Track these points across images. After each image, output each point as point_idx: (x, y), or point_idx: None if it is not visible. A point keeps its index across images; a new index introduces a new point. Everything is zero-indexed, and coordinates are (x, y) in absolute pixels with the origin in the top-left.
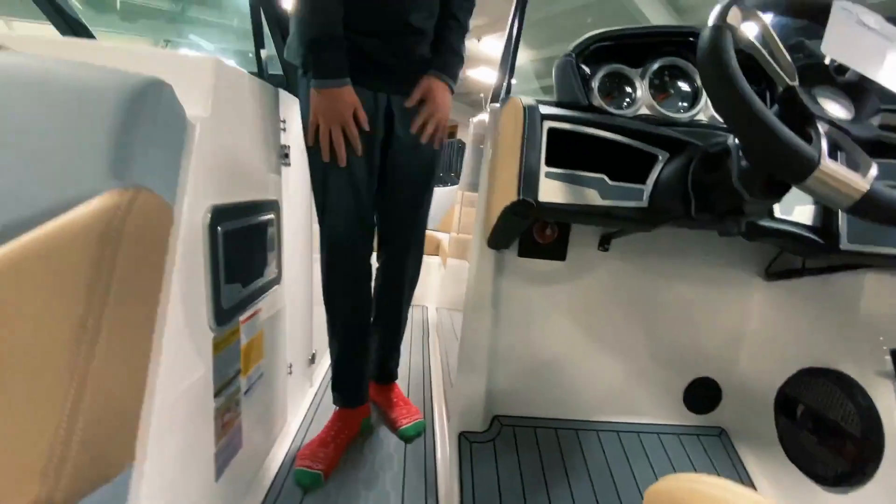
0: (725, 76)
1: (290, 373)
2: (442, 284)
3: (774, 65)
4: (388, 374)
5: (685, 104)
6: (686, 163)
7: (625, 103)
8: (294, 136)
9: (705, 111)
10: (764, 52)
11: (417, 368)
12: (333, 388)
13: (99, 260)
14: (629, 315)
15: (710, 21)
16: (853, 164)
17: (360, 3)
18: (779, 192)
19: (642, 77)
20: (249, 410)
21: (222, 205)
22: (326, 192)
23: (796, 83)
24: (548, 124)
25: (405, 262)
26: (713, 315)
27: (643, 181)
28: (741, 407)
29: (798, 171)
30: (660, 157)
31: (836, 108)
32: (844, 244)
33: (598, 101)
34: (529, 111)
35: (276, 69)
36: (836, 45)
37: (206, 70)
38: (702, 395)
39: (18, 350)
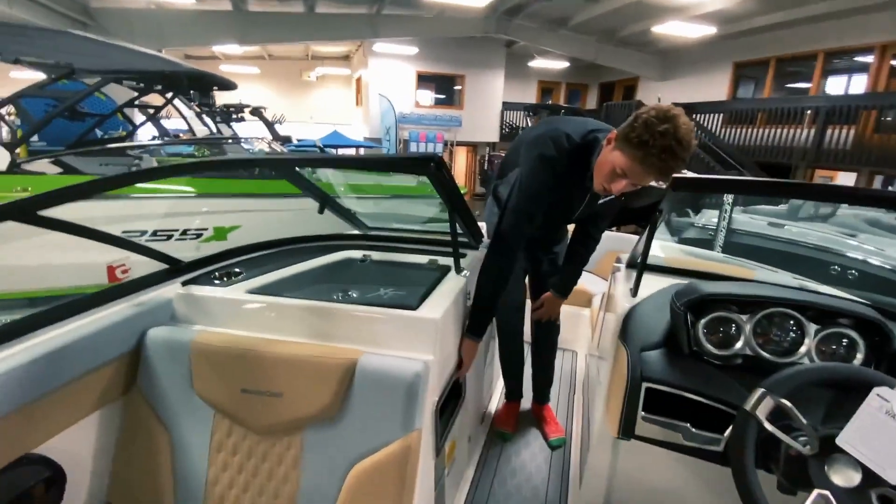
0: (741, 466)
1: (470, 440)
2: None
3: (791, 442)
4: (542, 396)
5: (785, 348)
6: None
7: (729, 342)
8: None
9: (809, 356)
10: (785, 438)
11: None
12: (506, 388)
13: (405, 467)
14: None
15: (746, 405)
16: None
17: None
18: None
19: (749, 322)
20: (448, 481)
21: (439, 397)
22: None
23: (812, 451)
24: (646, 385)
25: (552, 328)
26: None
27: (722, 430)
28: None
29: None
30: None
31: (842, 478)
32: None
33: (703, 343)
34: (632, 369)
35: None
36: (855, 437)
37: (432, 328)
38: None
39: (369, 500)
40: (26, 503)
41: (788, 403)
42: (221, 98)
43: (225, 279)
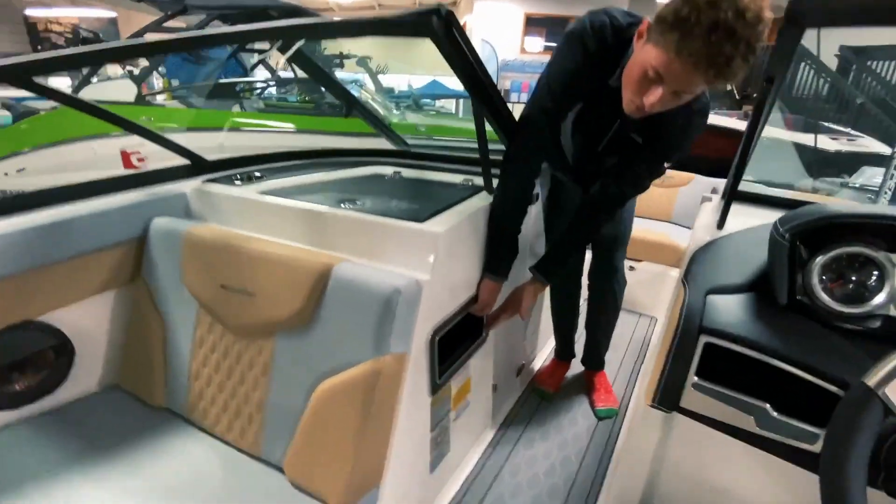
0: (839, 473)
1: (496, 390)
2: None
3: None
4: (595, 361)
5: None
6: (888, 431)
7: (862, 297)
8: None
9: None
10: None
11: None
12: (556, 346)
13: (368, 392)
14: None
15: (865, 378)
16: None
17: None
18: None
19: None
20: (457, 427)
21: (442, 323)
22: None
23: None
24: (705, 339)
25: (612, 280)
26: None
27: (823, 423)
28: None
29: None
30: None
31: None
32: None
33: (817, 292)
34: (687, 313)
35: None
36: None
37: (432, 243)
38: None
39: (331, 421)
40: (38, 363)
41: None
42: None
43: (245, 181)
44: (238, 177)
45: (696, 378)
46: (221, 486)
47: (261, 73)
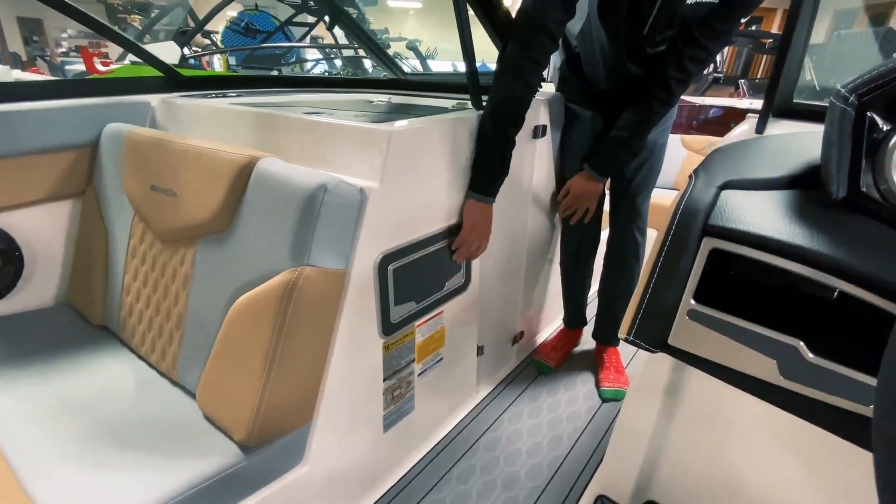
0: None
1: (482, 353)
2: None
3: None
4: (607, 334)
5: None
6: None
7: None
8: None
9: None
10: None
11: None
12: (565, 312)
13: (280, 309)
14: None
15: None
16: None
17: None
18: None
19: None
20: (425, 385)
21: (392, 249)
22: None
23: None
24: (711, 244)
25: (629, 245)
26: None
27: (875, 368)
28: None
29: None
30: None
31: None
32: None
33: (893, 186)
34: (688, 205)
35: None
36: None
37: (382, 142)
38: None
39: (240, 345)
40: None
41: None
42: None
43: (220, 98)
44: (213, 94)
45: (693, 302)
46: (131, 409)
47: (310, 54)
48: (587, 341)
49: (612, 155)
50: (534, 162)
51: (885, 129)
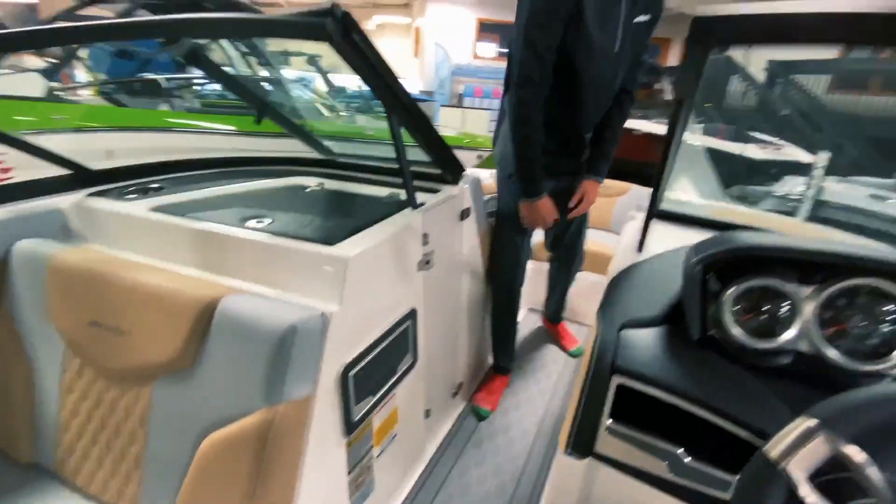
0: None
1: (428, 415)
2: None
3: None
4: (557, 317)
5: (871, 347)
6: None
7: (773, 331)
8: (435, 243)
9: None
10: None
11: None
12: (494, 361)
13: (258, 449)
14: None
15: (766, 449)
16: None
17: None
18: None
19: (814, 299)
20: (382, 464)
21: (353, 359)
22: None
23: None
24: (618, 380)
25: (572, 253)
26: None
27: (738, 469)
28: None
29: None
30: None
31: None
32: None
33: (728, 326)
34: (598, 353)
35: None
36: None
37: (340, 268)
38: None
39: (216, 484)
40: None
41: (858, 454)
42: (273, 44)
43: (140, 194)
44: (131, 189)
45: (610, 421)
46: None
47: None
48: (520, 389)
49: (608, 156)
50: (462, 239)
51: (718, 287)
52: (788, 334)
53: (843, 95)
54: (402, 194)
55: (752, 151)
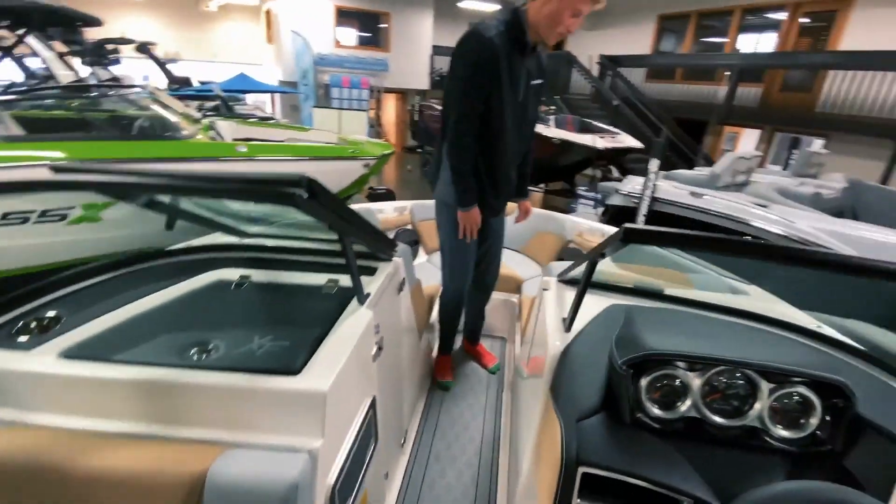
0: None
1: (386, 477)
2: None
3: None
4: (476, 337)
5: (735, 406)
6: None
7: (674, 403)
8: (383, 327)
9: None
10: None
11: (488, 442)
12: (442, 346)
13: None
14: None
15: None
16: None
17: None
18: None
19: (701, 377)
20: None
21: (336, 476)
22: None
23: None
24: (583, 470)
25: (488, 276)
26: None
27: None
28: None
29: None
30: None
31: None
32: None
33: (647, 407)
34: (566, 450)
35: None
36: None
37: (318, 404)
38: None
39: None
40: None
41: None
42: (98, 34)
43: (33, 332)
44: (20, 325)
45: (578, 500)
46: None
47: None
48: (452, 407)
49: (527, 183)
50: (401, 309)
51: (636, 378)
52: (684, 406)
53: (656, 84)
54: (339, 281)
55: (596, 141)
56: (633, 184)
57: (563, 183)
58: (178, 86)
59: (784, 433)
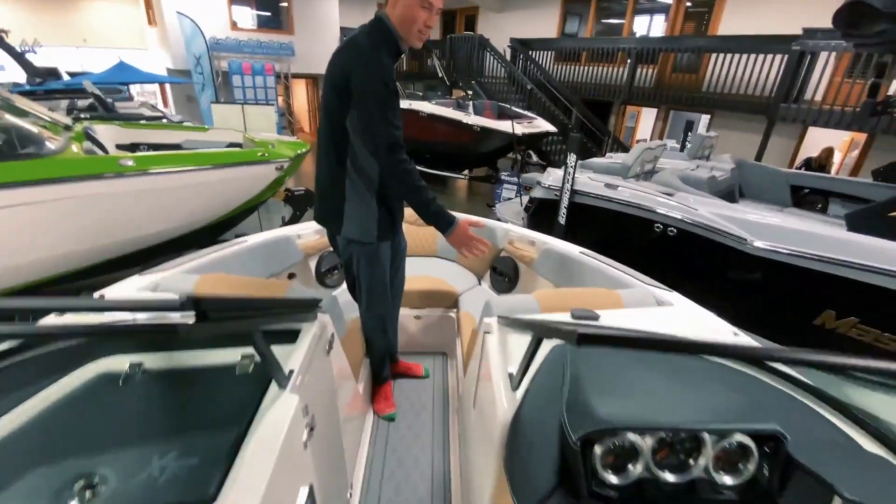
0: None
1: None
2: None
3: None
4: (395, 357)
5: (682, 460)
6: None
7: (626, 467)
8: (313, 404)
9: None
10: None
11: (439, 478)
12: (377, 378)
13: None
14: None
15: None
16: None
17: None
18: None
19: (652, 437)
20: None
21: None
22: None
23: None
24: None
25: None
26: None
27: None
28: None
29: None
30: None
31: None
32: None
33: (603, 476)
34: None
35: None
36: None
37: None
38: None
39: None
40: None
41: None
42: None
43: None
44: None
45: None
46: None
47: None
48: (403, 427)
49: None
50: (332, 370)
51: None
52: (637, 469)
53: (564, 66)
54: (255, 358)
55: (515, 127)
56: (553, 177)
57: (486, 169)
58: (43, 79)
59: (728, 480)
